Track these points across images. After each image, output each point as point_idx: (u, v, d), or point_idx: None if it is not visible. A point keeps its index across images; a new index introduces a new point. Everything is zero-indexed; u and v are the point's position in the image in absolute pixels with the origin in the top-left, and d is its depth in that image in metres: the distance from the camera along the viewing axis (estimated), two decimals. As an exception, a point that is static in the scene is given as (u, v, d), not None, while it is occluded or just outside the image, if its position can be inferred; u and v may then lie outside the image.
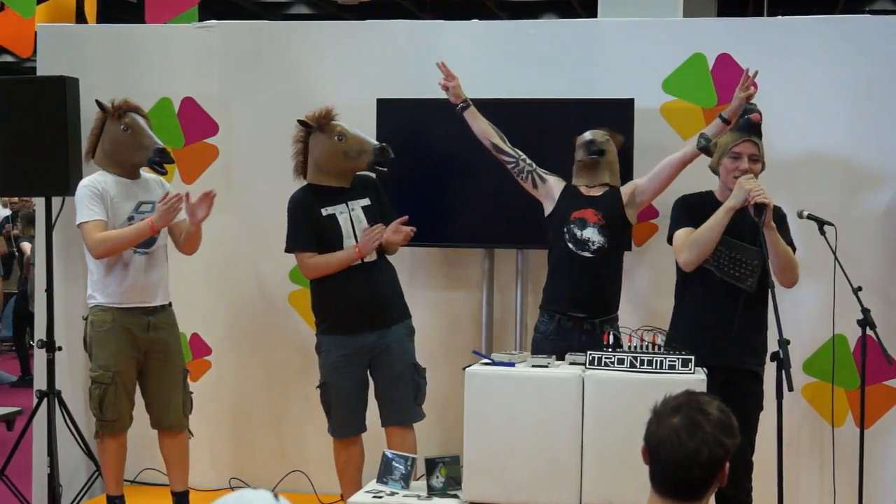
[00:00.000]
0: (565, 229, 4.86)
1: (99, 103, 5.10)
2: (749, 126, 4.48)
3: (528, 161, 5.01)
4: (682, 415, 2.50)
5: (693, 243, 4.40)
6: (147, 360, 5.05)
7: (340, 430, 5.00)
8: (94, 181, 4.99)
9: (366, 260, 4.90)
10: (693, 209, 4.53)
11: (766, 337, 4.53)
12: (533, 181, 5.00)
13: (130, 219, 4.99)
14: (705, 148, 4.60)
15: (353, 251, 4.87)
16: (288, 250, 5.02)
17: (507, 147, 5.03)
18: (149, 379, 5.09)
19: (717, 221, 4.34)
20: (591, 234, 4.80)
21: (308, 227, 4.95)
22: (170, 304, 5.17)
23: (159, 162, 5.01)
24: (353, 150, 4.92)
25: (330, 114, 4.96)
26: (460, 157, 5.48)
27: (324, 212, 4.94)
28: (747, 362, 4.46)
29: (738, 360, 4.41)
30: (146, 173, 5.17)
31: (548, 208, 4.97)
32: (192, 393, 5.23)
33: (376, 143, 4.93)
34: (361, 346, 4.92)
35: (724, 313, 4.41)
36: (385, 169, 4.93)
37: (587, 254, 4.80)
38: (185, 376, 5.18)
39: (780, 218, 4.50)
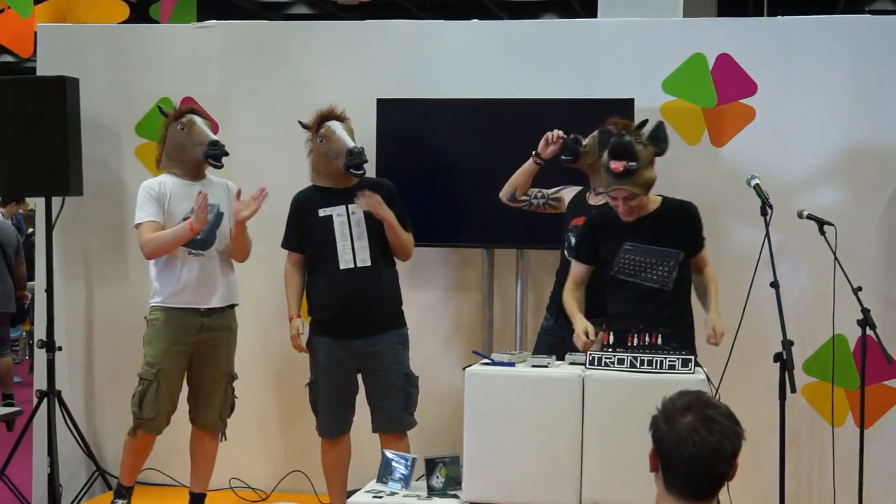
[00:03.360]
0: (565, 237, 4.89)
1: (160, 110, 5.15)
2: (615, 176, 4.38)
3: (539, 192, 5.02)
4: (693, 412, 2.47)
5: (563, 298, 4.60)
6: (194, 359, 5.08)
7: (326, 431, 5.02)
8: (153, 182, 5.05)
9: (358, 264, 4.88)
10: (595, 231, 4.59)
11: (691, 333, 4.52)
12: (551, 206, 5.01)
13: (184, 219, 4.97)
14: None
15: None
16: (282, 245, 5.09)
17: (521, 195, 5.05)
18: (193, 376, 5.12)
19: (570, 314, 4.51)
20: None
21: (293, 226, 5.02)
22: (231, 307, 5.17)
23: (214, 155, 4.97)
24: (332, 153, 4.90)
25: (328, 115, 4.94)
26: (460, 157, 5.48)
27: (321, 212, 4.93)
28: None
29: None
30: (213, 176, 5.17)
31: None
32: (236, 398, 5.23)
33: (351, 145, 4.86)
34: (348, 350, 4.91)
35: (649, 315, 4.37)
36: (360, 172, 4.85)
37: None
38: (229, 380, 5.18)
39: (694, 218, 4.54)
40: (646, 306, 4.42)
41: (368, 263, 4.89)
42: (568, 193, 5.00)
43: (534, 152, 4.95)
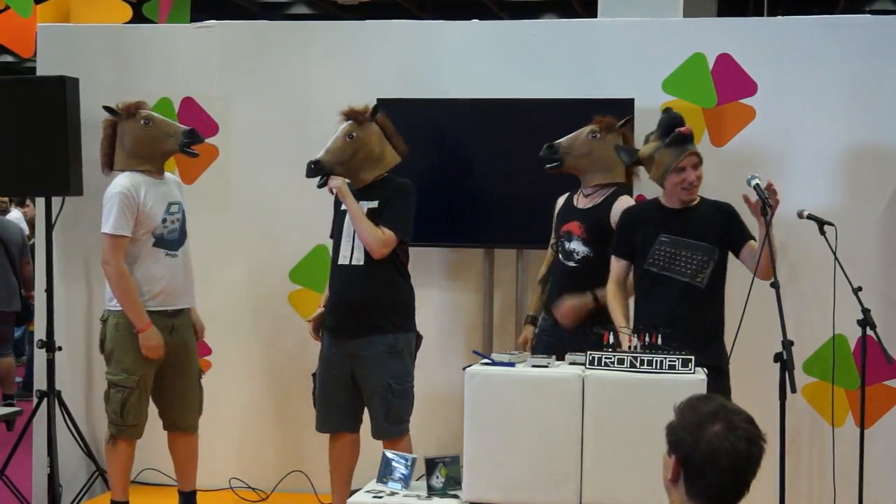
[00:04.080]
0: (557, 242, 4.94)
1: (108, 108, 5.02)
2: (683, 139, 4.51)
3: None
4: (720, 420, 2.43)
5: (608, 303, 4.66)
6: (166, 362, 4.97)
7: (319, 425, 5.03)
8: (129, 186, 4.88)
9: (353, 262, 4.84)
10: (632, 225, 4.65)
11: (723, 331, 4.57)
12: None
13: (163, 220, 4.94)
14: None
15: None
16: None
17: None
18: (165, 380, 5.03)
19: (614, 317, 4.57)
20: (576, 246, 4.83)
21: (333, 219, 5.04)
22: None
23: (190, 143, 4.98)
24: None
25: (351, 114, 4.94)
26: (460, 157, 5.48)
27: (342, 207, 4.94)
28: (707, 357, 4.42)
29: (699, 356, 4.37)
30: (166, 173, 5.14)
31: None
32: (202, 391, 5.21)
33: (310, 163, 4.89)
34: (343, 350, 4.90)
35: (679, 310, 4.45)
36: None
37: (571, 263, 4.84)
38: (199, 377, 5.17)
39: (732, 215, 4.58)
40: (679, 307, 4.46)
41: (362, 262, 4.84)
42: (557, 207, 5.03)
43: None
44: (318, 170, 4.82)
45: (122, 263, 4.85)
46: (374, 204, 4.86)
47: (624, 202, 4.81)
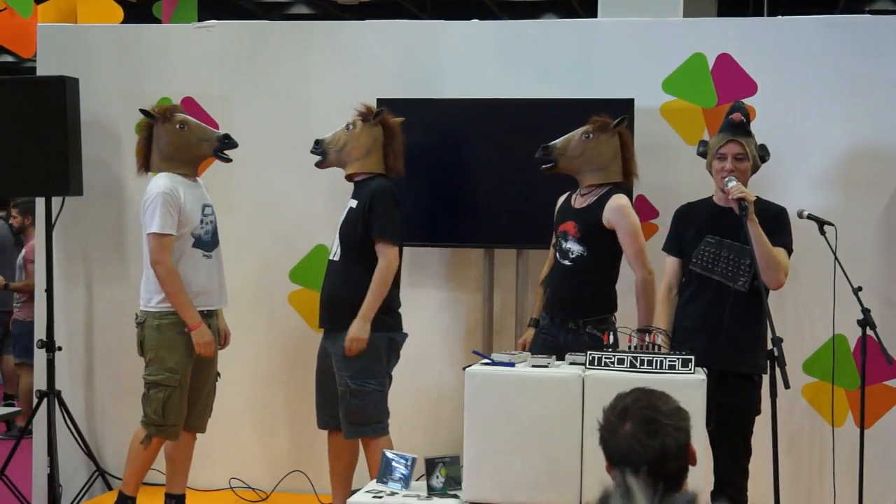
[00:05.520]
0: (556, 242, 4.94)
1: (144, 111, 5.05)
2: (732, 126, 4.51)
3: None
4: (630, 418, 2.45)
5: (657, 304, 4.69)
6: (196, 363, 4.98)
7: (317, 421, 5.08)
8: (170, 187, 4.90)
9: (336, 258, 4.94)
10: (681, 222, 4.69)
11: (762, 340, 4.49)
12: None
13: (200, 221, 4.98)
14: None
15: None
16: None
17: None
18: (191, 381, 5.02)
19: (657, 317, 4.63)
20: (572, 245, 4.82)
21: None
22: None
23: (225, 147, 5.05)
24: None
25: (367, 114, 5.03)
26: (460, 157, 5.48)
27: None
28: (740, 364, 4.44)
29: (730, 362, 4.38)
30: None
31: None
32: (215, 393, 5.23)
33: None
34: (323, 346, 5.00)
35: (716, 313, 4.43)
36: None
37: (567, 262, 4.84)
38: (216, 379, 5.20)
39: (774, 215, 4.51)
40: (716, 310, 4.42)
41: (337, 258, 4.94)
42: (557, 207, 5.03)
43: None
44: (317, 149, 5.00)
45: (171, 262, 4.87)
46: (354, 204, 4.94)
47: (617, 201, 4.78)
